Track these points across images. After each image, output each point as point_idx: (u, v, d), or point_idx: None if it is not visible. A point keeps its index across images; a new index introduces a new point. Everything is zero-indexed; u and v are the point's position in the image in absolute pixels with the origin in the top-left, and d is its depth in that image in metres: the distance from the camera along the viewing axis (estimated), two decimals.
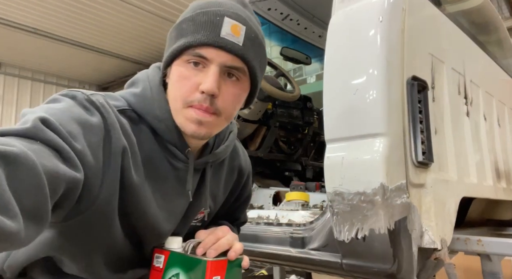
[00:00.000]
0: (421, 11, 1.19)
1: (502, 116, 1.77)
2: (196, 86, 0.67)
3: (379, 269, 1.02)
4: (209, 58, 0.67)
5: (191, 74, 0.68)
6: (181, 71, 0.69)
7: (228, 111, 0.71)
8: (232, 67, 0.68)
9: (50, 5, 5.41)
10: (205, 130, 0.70)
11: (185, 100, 0.68)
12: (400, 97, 1.03)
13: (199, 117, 0.68)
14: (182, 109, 0.69)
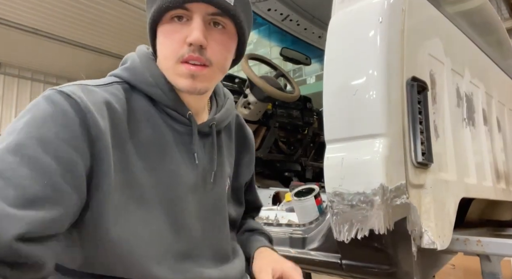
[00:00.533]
0: (420, 12, 1.20)
1: (501, 117, 1.77)
2: (183, 40, 0.66)
3: (379, 269, 1.02)
4: (192, 10, 0.66)
5: (176, 29, 0.67)
6: (166, 29, 0.68)
7: (220, 60, 0.71)
8: (215, 14, 0.68)
9: (50, 5, 5.41)
10: (200, 84, 0.69)
11: (175, 55, 0.67)
12: (399, 98, 1.04)
13: (191, 71, 0.67)
14: (174, 66, 0.68)
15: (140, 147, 0.67)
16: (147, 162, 0.67)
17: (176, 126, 0.73)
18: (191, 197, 0.73)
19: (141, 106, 0.70)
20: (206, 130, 0.77)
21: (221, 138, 0.84)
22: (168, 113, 0.72)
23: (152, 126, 0.70)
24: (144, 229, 0.65)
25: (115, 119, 0.63)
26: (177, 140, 0.73)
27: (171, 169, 0.70)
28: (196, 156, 0.73)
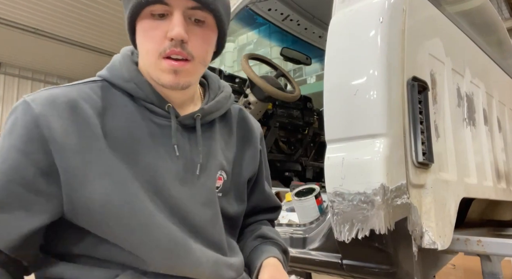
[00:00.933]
0: (421, 12, 1.20)
1: (502, 117, 1.77)
2: (164, 35, 0.67)
3: (380, 269, 1.02)
4: (172, 4, 0.66)
5: (156, 24, 0.67)
6: (145, 25, 0.68)
7: (201, 54, 0.71)
8: (195, 8, 0.68)
9: (50, 5, 5.41)
10: (183, 79, 0.70)
11: (157, 51, 0.68)
12: (400, 98, 1.04)
13: (173, 67, 0.68)
14: (156, 61, 0.68)
15: (113, 141, 0.67)
16: (122, 155, 0.67)
17: (156, 119, 0.73)
18: (177, 188, 0.72)
19: (119, 102, 0.71)
20: (189, 122, 0.76)
21: (215, 130, 0.83)
22: (146, 106, 0.73)
23: (129, 120, 0.70)
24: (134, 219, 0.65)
25: (79, 115, 0.65)
26: (157, 133, 0.72)
27: (147, 162, 0.70)
28: (176, 148, 0.73)
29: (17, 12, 5.58)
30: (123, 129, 0.69)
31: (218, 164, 0.81)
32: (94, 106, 0.68)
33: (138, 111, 0.72)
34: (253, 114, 2.16)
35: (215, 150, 0.81)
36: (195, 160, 0.76)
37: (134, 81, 0.72)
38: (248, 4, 2.05)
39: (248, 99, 2.12)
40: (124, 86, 0.72)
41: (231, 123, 0.88)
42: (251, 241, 0.90)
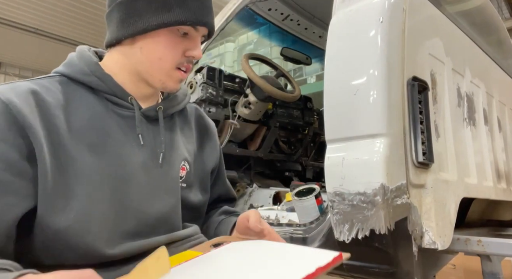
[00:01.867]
0: (421, 11, 1.19)
1: (502, 117, 1.77)
2: (184, 51, 0.78)
3: (380, 269, 1.02)
4: (199, 30, 0.78)
5: (180, 40, 0.77)
6: (171, 37, 0.76)
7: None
8: (205, 36, 0.82)
9: (50, 5, 5.41)
10: (179, 86, 0.83)
11: (175, 62, 0.77)
12: (400, 98, 1.04)
13: (182, 77, 0.80)
14: (170, 70, 0.78)
15: (77, 132, 0.70)
16: (85, 143, 0.70)
17: (119, 111, 0.77)
18: (143, 176, 0.76)
19: (79, 95, 0.75)
20: (152, 114, 0.81)
21: (175, 123, 0.89)
22: (109, 99, 0.77)
23: (91, 112, 0.74)
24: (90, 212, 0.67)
25: (43, 106, 0.68)
26: (121, 123, 0.77)
27: (114, 150, 0.73)
28: (141, 137, 0.78)
29: (17, 12, 5.58)
30: (87, 120, 0.73)
31: (181, 155, 0.86)
32: (55, 98, 0.71)
33: (100, 103, 0.76)
34: (253, 113, 2.16)
35: (177, 141, 0.87)
36: (158, 150, 0.80)
37: (95, 75, 0.76)
38: (248, 4, 2.05)
39: (248, 99, 2.12)
40: (84, 80, 0.76)
41: (190, 119, 0.95)
42: (216, 217, 0.97)
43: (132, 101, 0.79)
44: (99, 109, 0.75)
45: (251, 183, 2.25)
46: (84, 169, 0.68)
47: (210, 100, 1.99)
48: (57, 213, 0.65)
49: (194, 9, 0.75)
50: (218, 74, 2.08)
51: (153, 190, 0.78)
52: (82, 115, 0.73)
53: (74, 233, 0.66)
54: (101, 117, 0.75)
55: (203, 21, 0.77)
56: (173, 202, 0.82)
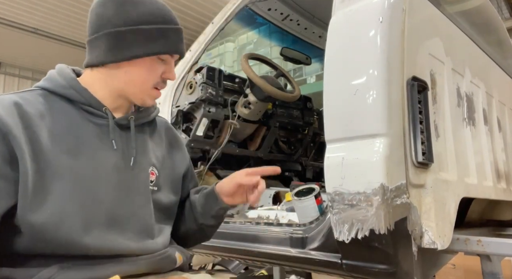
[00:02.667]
0: (421, 11, 1.19)
1: (502, 117, 1.77)
2: (160, 74, 0.93)
3: (379, 269, 1.02)
4: (173, 57, 0.95)
5: (159, 65, 0.92)
6: (153, 63, 0.91)
7: None
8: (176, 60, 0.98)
9: (50, 5, 5.41)
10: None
11: (152, 83, 0.93)
12: (400, 98, 1.04)
13: (158, 96, 0.96)
14: (150, 90, 0.93)
15: (56, 138, 0.79)
16: (63, 148, 0.79)
17: (94, 119, 0.87)
18: (115, 177, 0.86)
19: (59, 106, 0.85)
20: (124, 122, 0.92)
21: (145, 132, 1.00)
22: (85, 109, 0.87)
23: (69, 121, 0.84)
24: (64, 208, 0.76)
25: (25, 117, 0.77)
26: (96, 131, 0.87)
27: (89, 154, 0.83)
28: (114, 142, 0.88)
29: (17, 12, 5.58)
30: (64, 128, 0.82)
31: (149, 161, 0.97)
32: (35, 108, 0.80)
33: (77, 114, 0.86)
34: (253, 113, 2.16)
35: (146, 148, 0.97)
36: (129, 154, 0.90)
37: (73, 88, 0.87)
38: (248, 4, 2.05)
39: (248, 99, 2.12)
40: (63, 93, 0.86)
41: (159, 129, 1.07)
42: (191, 199, 1.10)
43: (106, 111, 0.89)
44: (76, 118, 0.85)
45: None
46: (59, 170, 0.77)
47: (209, 100, 1.99)
48: (35, 210, 0.73)
49: (173, 40, 0.91)
50: (218, 74, 2.08)
51: (124, 190, 0.86)
52: (60, 124, 0.82)
53: (50, 227, 0.74)
54: (77, 125, 0.84)
55: (179, 50, 0.94)
56: (142, 201, 0.91)
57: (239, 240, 1.47)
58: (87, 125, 0.86)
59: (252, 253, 1.42)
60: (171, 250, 0.95)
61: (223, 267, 4.31)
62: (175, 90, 2.08)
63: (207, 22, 2.19)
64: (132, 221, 0.86)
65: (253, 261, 1.51)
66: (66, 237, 0.75)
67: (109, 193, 0.83)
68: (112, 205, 0.83)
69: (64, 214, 0.75)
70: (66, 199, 0.76)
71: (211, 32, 2.05)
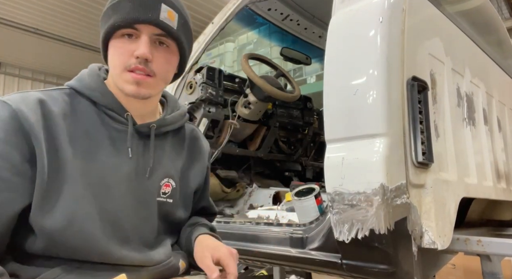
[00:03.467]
0: (421, 11, 1.19)
1: (502, 117, 1.77)
2: (131, 53, 0.79)
3: (379, 269, 1.02)
4: (140, 29, 0.79)
5: (125, 44, 0.80)
6: (116, 43, 0.81)
7: (162, 72, 0.84)
8: (161, 35, 0.81)
9: (50, 5, 5.41)
10: (144, 90, 0.82)
11: (123, 65, 0.79)
12: (400, 98, 1.04)
13: (136, 79, 0.80)
14: (121, 74, 0.80)
15: (72, 140, 0.78)
16: (78, 151, 0.78)
17: (114, 124, 0.84)
18: (124, 187, 0.82)
19: (83, 107, 0.83)
20: (144, 130, 0.87)
21: (166, 142, 0.94)
22: (107, 113, 0.84)
23: (89, 124, 0.81)
24: (73, 211, 0.74)
25: (47, 115, 0.76)
26: (114, 136, 0.83)
27: (102, 159, 0.80)
28: (130, 150, 0.83)
29: (17, 12, 5.58)
30: (83, 131, 0.80)
31: (166, 172, 0.92)
32: (60, 109, 0.79)
33: (99, 117, 0.83)
34: (253, 113, 2.16)
35: (165, 158, 0.92)
36: (145, 164, 0.86)
37: (98, 91, 0.84)
38: (248, 4, 2.05)
39: (248, 99, 2.12)
40: (89, 94, 0.83)
41: (184, 139, 1.00)
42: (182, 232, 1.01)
43: (128, 117, 0.85)
44: (97, 121, 0.83)
45: (251, 183, 2.25)
46: (73, 172, 0.76)
47: (209, 100, 1.99)
48: (46, 212, 0.73)
49: (126, 9, 0.78)
50: (218, 74, 2.08)
51: (131, 201, 0.84)
52: (80, 126, 0.80)
53: (58, 230, 0.73)
54: (97, 129, 0.82)
55: (135, 19, 0.77)
56: (146, 215, 0.87)
57: (239, 240, 1.47)
58: (107, 129, 0.83)
59: (252, 253, 1.42)
60: (175, 259, 0.91)
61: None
62: (175, 90, 2.08)
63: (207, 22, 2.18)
64: (133, 233, 0.84)
65: (253, 261, 1.51)
66: (72, 241, 0.74)
67: (114, 203, 0.81)
68: (115, 215, 0.81)
69: (73, 219, 0.74)
70: (75, 204, 0.75)
71: (211, 32, 2.05)
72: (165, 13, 0.80)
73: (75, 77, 0.88)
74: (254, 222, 1.55)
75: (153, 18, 0.78)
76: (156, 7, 0.79)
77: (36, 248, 0.75)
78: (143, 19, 0.78)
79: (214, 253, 0.86)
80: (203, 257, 0.86)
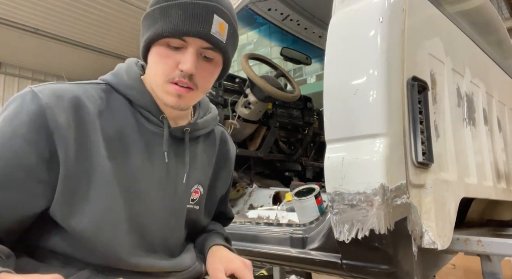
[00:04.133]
0: (421, 11, 1.19)
1: (502, 117, 1.77)
2: (176, 65, 0.75)
3: (379, 269, 1.02)
4: (188, 42, 0.74)
5: (170, 54, 0.75)
6: (160, 51, 0.76)
7: (205, 85, 0.80)
8: (208, 48, 0.76)
9: (50, 5, 5.41)
10: (184, 103, 0.78)
11: (166, 76, 0.75)
12: (400, 98, 1.04)
13: (178, 92, 0.76)
14: (163, 84, 0.76)
15: (106, 140, 0.73)
16: (111, 152, 0.73)
17: (148, 126, 0.80)
18: (155, 193, 0.79)
19: (118, 105, 0.78)
20: (178, 134, 0.83)
21: (199, 146, 0.91)
22: (142, 113, 0.80)
23: (124, 123, 0.77)
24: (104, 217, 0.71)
25: (81, 113, 0.71)
26: (149, 139, 0.79)
27: (135, 163, 0.76)
28: (166, 155, 0.80)
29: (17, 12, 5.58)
30: (118, 131, 0.76)
31: (197, 178, 0.89)
32: (96, 106, 0.74)
33: (133, 116, 0.79)
34: (253, 113, 2.16)
35: (196, 164, 0.89)
36: (178, 170, 0.83)
37: (136, 89, 0.79)
38: (248, 4, 2.05)
39: (248, 99, 2.12)
40: (126, 92, 0.79)
41: (215, 143, 0.97)
42: (197, 237, 0.99)
43: (163, 120, 0.81)
44: (131, 121, 0.78)
45: (251, 183, 2.25)
46: (104, 175, 0.71)
47: (209, 100, 1.99)
48: (75, 215, 0.69)
49: (175, 19, 0.72)
50: None
51: (161, 209, 0.80)
52: (115, 125, 0.76)
53: (88, 234, 0.70)
54: (132, 129, 0.78)
55: (186, 31, 0.72)
56: (175, 223, 0.85)
57: (239, 240, 1.47)
58: (140, 130, 0.79)
59: (252, 253, 1.42)
60: (199, 265, 0.90)
61: None
62: None
63: None
64: (160, 243, 0.81)
65: (253, 261, 1.51)
66: (99, 248, 0.71)
67: (144, 210, 0.77)
68: (143, 223, 0.78)
69: (102, 224, 0.71)
70: (106, 207, 0.71)
71: None
72: (217, 26, 0.74)
73: (111, 72, 0.83)
74: (254, 222, 1.55)
75: (204, 33, 0.73)
76: (208, 20, 0.73)
77: (59, 248, 0.72)
78: (194, 33, 0.72)
79: (228, 265, 0.84)
80: (215, 270, 0.84)
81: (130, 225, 0.75)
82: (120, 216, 0.73)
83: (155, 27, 0.74)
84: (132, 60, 0.87)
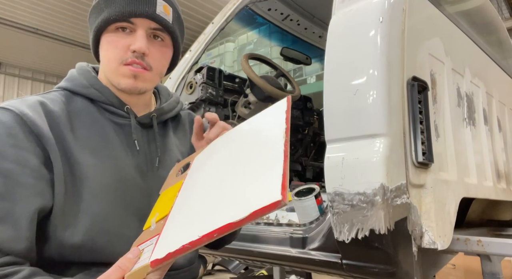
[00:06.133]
0: (421, 11, 1.19)
1: (502, 117, 1.77)
2: (127, 47, 0.78)
3: (379, 269, 1.02)
4: (136, 23, 0.78)
5: (120, 37, 0.78)
6: (110, 37, 0.79)
7: (158, 66, 0.83)
8: (156, 29, 0.80)
9: (50, 5, 5.42)
10: (141, 84, 0.80)
11: (119, 59, 0.78)
12: (400, 98, 1.04)
13: (133, 72, 0.78)
14: (117, 67, 0.78)
15: (81, 138, 0.76)
16: (89, 149, 0.76)
17: (116, 119, 0.83)
18: (139, 179, 0.81)
19: (81, 106, 0.81)
20: (147, 121, 0.87)
21: (169, 129, 0.94)
22: (106, 109, 0.83)
23: (92, 121, 0.80)
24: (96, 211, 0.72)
25: (51, 116, 0.74)
26: (118, 131, 0.82)
27: (113, 155, 0.79)
28: (137, 143, 0.83)
29: (17, 12, 5.59)
30: (88, 129, 0.79)
31: (174, 158, 0.91)
32: (61, 109, 0.77)
33: (99, 113, 0.82)
34: (253, 114, 2.15)
35: (171, 145, 0.92)
36: (153, 154, 0.86)
37: (94, 87, 0.82)
38: (248, 4, 2.05)
39: (248, 99, 2.12)
40: (85, 92, 0.82)
41: (184, 123, 1.01)
42: None
43: (128, 110, 0.84)
44: (98, 118, 0.81)
45: None
46: (88, 172, 0.73)
47: (210, 100, 1.99)
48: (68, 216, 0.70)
49: (121, 3, 0.77)
50: (218, 74, 2.08)
51: (150, 192, 0.81)
52: (84, 123, 0.78)
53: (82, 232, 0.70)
54: (100, 125, 0.80)
55: (132, 13, 0.76)
56: None
57: (239, 240, 1.47)
58: (109, 125, 0.82)
59: (252, 253, 1.42)
60: (197, 265, 0.90)
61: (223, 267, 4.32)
62: (175, 90, 2.08)
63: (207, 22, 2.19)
64: None
65: (253, 261, 1.51)
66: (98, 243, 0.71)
67: (135, 196, 0.79)
68: (139, 208, 0.78)
69: (95, 220, 0.71)
70: (96, 203, 0.72)
71: (211, 32, 2.06)
72: (161, 7, 0.79)
73: (64, 79, 0.87)
74: (254, 222, 1.55)
75: (150, 12, 0.78)
76: (152, 1, 0.78)
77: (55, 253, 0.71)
78: (140, 13, 0.76)
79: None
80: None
81: (125, 212, 0.76)
82: (113, 206, 0.74)
83: (102, 15, 0.78)
84: (82, 63, 0.90)
